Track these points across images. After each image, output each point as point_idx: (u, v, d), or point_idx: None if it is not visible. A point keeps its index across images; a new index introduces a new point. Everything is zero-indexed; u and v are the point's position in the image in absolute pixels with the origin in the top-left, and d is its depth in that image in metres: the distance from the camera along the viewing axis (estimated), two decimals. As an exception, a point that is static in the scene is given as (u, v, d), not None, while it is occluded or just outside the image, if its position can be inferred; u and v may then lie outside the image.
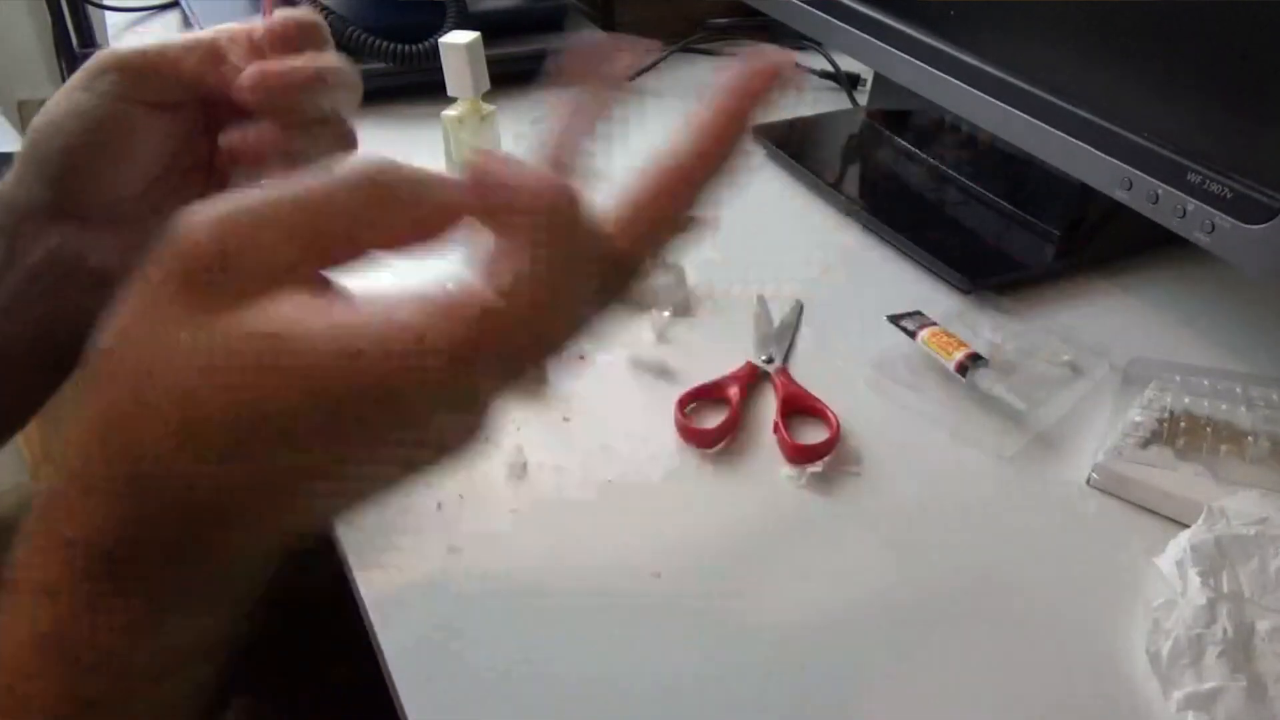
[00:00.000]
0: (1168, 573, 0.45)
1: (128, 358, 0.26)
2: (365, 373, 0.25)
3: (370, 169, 0.29)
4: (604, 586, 0.45)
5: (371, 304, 0.26)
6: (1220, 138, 0.50)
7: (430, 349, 0.25)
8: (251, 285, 0.26)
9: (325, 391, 0.25)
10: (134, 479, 0.26)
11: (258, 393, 0.25)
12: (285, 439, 0.25)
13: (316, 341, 0.25)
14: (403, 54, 0.83)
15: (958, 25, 0.65)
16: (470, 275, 0.27)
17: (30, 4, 1.83)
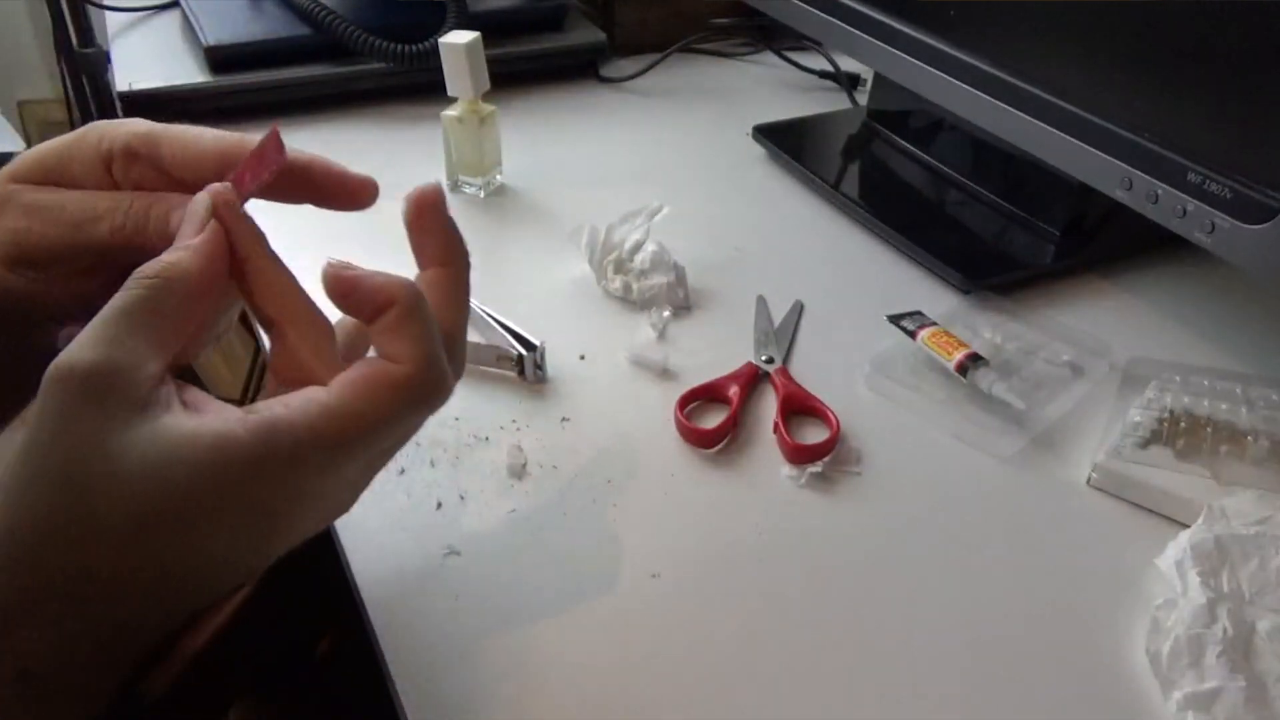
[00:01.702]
0: (1168, 573, 0.45)
1: (58, 472, 0.29)
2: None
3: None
4: (604, 586, 0.45)
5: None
6: (1220, 138, 0.50)
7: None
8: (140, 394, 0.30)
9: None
10: (68, 597, 0.29)
11: (202, 500, 0.30)
12: (235, 532, 0.31)
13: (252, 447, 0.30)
14: (403, 54, 0.83)
15: (958, 25, 0.65)
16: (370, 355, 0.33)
17: (30, 4, 1.83)
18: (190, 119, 0.90)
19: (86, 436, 0.29)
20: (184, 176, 0.38)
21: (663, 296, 0.62)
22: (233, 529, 0.31)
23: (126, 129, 0.38)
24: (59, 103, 1.75)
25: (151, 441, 0.29)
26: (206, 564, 0.32)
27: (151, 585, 0.31)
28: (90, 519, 0.29)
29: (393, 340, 0.32)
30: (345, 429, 0.31)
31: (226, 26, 0.88)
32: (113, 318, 0.31)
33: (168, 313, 0.32)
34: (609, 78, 0.97)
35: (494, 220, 0.73)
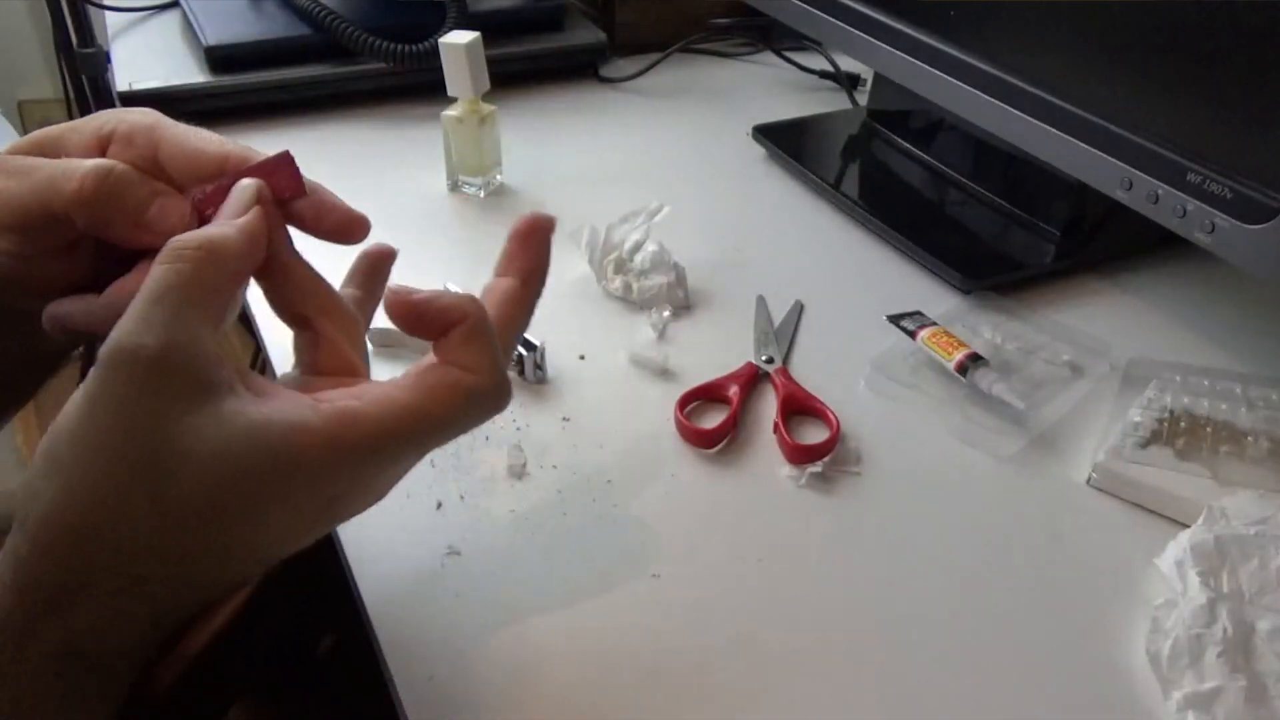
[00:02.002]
0: (1168, 573, 0.45)
1: (126, 455, 0.29)
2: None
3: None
4: (604, 586, 0.45)
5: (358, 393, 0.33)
6: (1220, 138, 0.50)
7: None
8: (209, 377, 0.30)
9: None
10: (130, 575, 0.30)
11: (268, 486, 0.30)
12: (289, 518, 0.32)
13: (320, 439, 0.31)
14: (403, 54, 0.83)
15: (958, 25, 0.65)
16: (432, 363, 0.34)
17: (30, 4, 1.83)
18: (190, 119, 0.90)
19: (155, 419, 0.29)
20: (177, 174, 0.37)
21: (663, 296, 0.62)
22: (296, 513, 0.32)
23: (131, 117, 0.38)
24: (59, 103, 1.75)
25: (221, 425, 0.30)
26: (263, 545, 0.32)
27: (211, 567, 0.32)
28: (160, 500, 0.29)
29: (465, 351, 0.34)
30: (416, 428, 0.33)
31: (226, 26, 0.88)
32: (163, 294, 0.30)
33: (217, 289, 0.32)
34: (609, 78, 0.97)
35: (494, 220, 0.73)
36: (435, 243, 0.70)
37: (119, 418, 0.29)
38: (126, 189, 0.36)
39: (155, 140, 0.37)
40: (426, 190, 0.76)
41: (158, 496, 0.29)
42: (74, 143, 0.38)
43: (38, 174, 0.36)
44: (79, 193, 0.35)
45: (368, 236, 0.38)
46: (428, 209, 0.74)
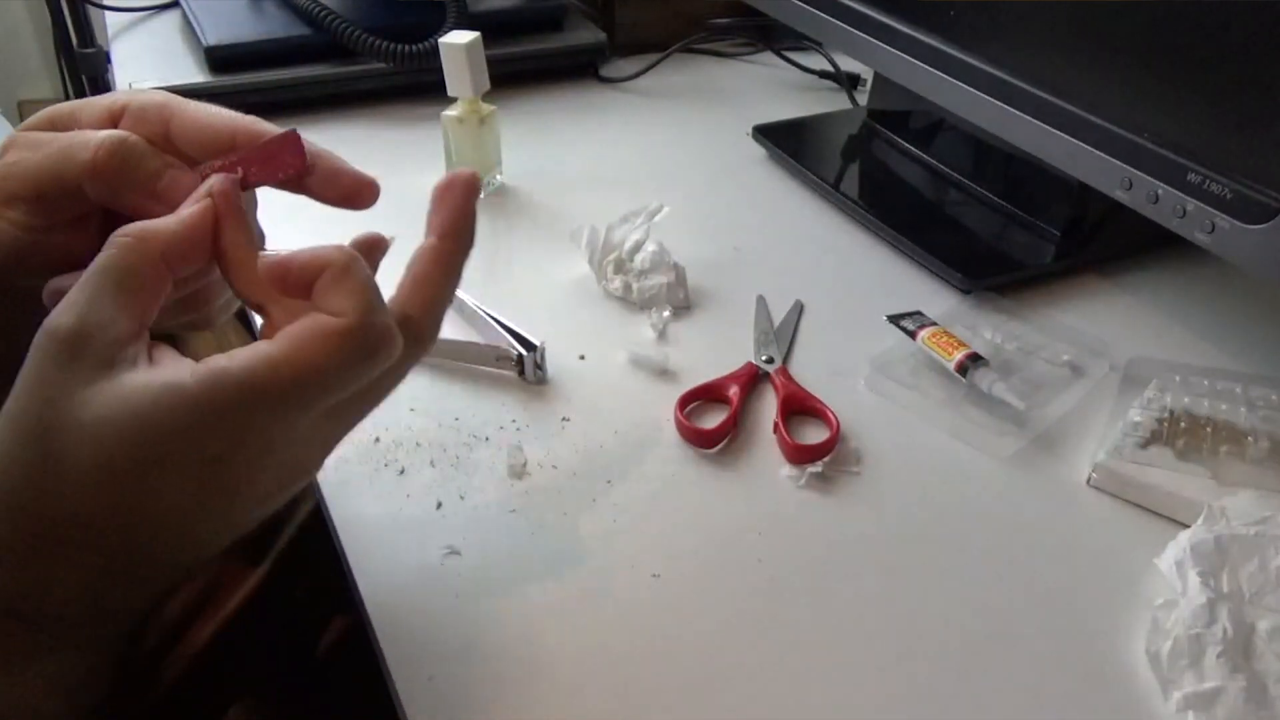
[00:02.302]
0: (1168, 573, 0.45)
1: (30, 424, 0.31)
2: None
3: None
4: (603, 587, 0.45)
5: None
6: (1220, 138, 0.50)
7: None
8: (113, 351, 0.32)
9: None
10: (41, 538, 0.31)
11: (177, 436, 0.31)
12: (202, 470, 0.32)
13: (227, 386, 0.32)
14: (403, 54, 0.83)
15: (958, 25, 0.65)
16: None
17: (30, 4, 1.83)
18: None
19: (56, 392, 0.31)
20: (188, 150, 0.38)
21: (663, 296, 0.62)
22: (185, 476, 0.32)
23: (144, 95, 0.39)
24: (59, 103, 1.75)
25: (110, 393, 0.31)
26: (171, 514, 0.33)
27: (124, 531, 0.32)
28: (56, 466, 0.31)
29: (329, 297, 0.33)
30: (285, 376, 0.32)
31: (226, 26, 0.88)
32: (90, 279, 0.32)
33: (141, 274, 0.33)
34: (609, 78, 0.97)
35: (494, 220, 0.73)
36: (435, 243, 0.70)
37: (28, 392, 0.31)
38: (139, 160, 0.36)
39: (167, 116, 0.38)
40: (426, 190, 0.76)
41: (54, 462, 0.31)
42: (86, 117, 0.38)
43: (52, 145, 0.36)
44: (93, 162, 0.35)
45: (377, 200, 0.38)
46: (428, 209, 0.74)
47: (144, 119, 0.38)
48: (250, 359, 0.32)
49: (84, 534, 0.32)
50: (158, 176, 0.37)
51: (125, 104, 0.38)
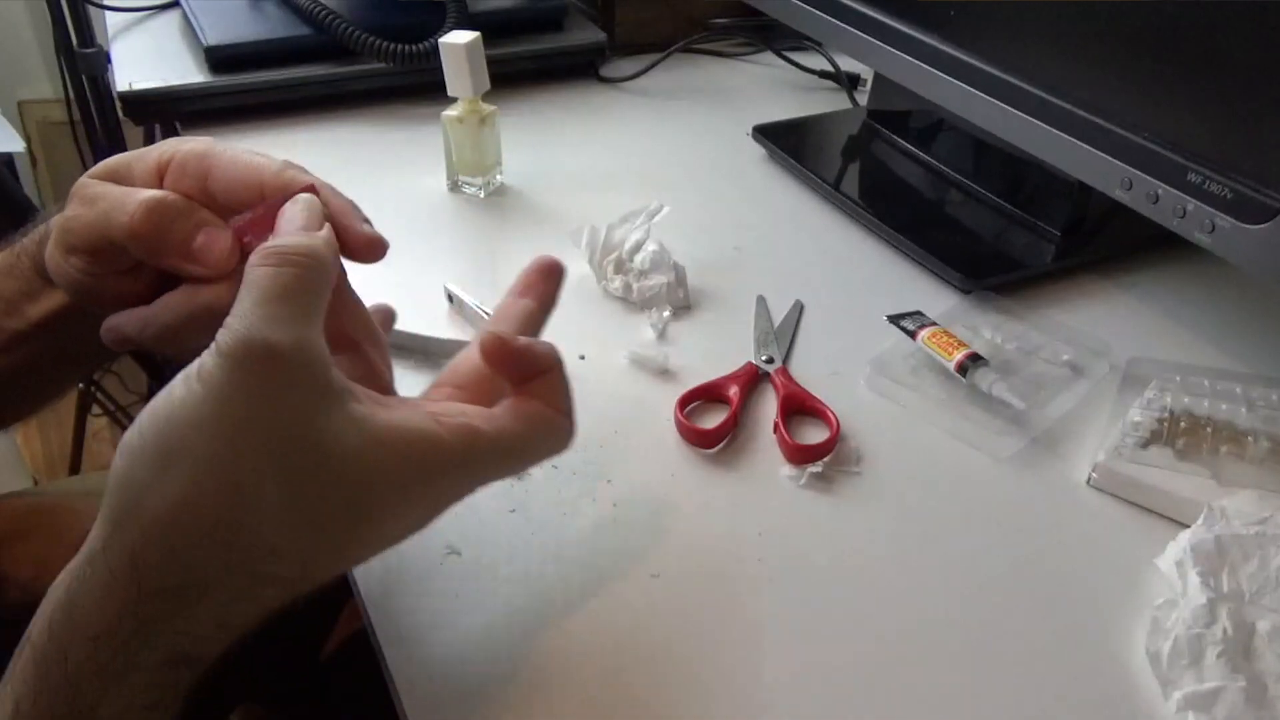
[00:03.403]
0: (1168, 573, 0.45)
1: (261, 453, 0.29)
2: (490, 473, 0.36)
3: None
4: (603, 587, 0.45)
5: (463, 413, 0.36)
6: (1220, 138, 0.50)
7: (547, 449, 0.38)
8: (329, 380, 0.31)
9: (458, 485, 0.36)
10: (257, 575, 0.30)
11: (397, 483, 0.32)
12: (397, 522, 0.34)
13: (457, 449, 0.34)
14: (403, 54, 0.83)
15: (958, 25, 0.65)
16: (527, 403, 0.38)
17: (30, 4, 1.83)
18: (190, 119, 0.90)
19: (296, 414, 0.30)
20: (224, 201, 0.39)
21: (663, 296, 0.62)
22: (410, 519, 0.34)
23: (186, 145, 0.40)
24: (59, 103, 1.75)
25: (360, 428, 0.31)
26: (367, 548, 0.34)
27: (321, 567, 0.32)
28: (297, 496, 0.30)
29: (556, 395, 0.38)
30: (515, 450, 0.36)
31: (226, 26, 0.88)
32: (282, 295, 0.31)
33: (321, 295, 0.33)
34: (609, 78, 0.97)
35: (494, 220, 0.73)
36: (435, 243, 0.70)
37: (256, 411, 0.29)
38: (174, 221, 0.37)
39: (206, 168, 0.39)
40: (426, 190, 0.76)
41: (294, 492, 0.30)
42: (138, 171, 0.40)
43: (101, 203, 0.38)
44: (130, 225, 0.37)
45: (384, 256, 0.39)
46: (428, 209, 0.74)
47: (185, 172, 0.40)
48: (499, 427, 0.36)
49: (293, 572, 0.31)
50: (191, 237, 0.38)
51: (171, 156, 0.40)
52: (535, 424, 0.37)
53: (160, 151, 0.40)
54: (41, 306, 0.44)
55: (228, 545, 0.29)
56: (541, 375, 0.38)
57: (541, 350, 0.38)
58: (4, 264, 0.44)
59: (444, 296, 0.62)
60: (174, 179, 0.40)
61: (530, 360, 0.37)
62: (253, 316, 0.30)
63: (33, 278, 0.43)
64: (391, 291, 0.49)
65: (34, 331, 0.44)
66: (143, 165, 0.40)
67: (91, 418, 1.61)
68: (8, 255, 0.45)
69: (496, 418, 0.36)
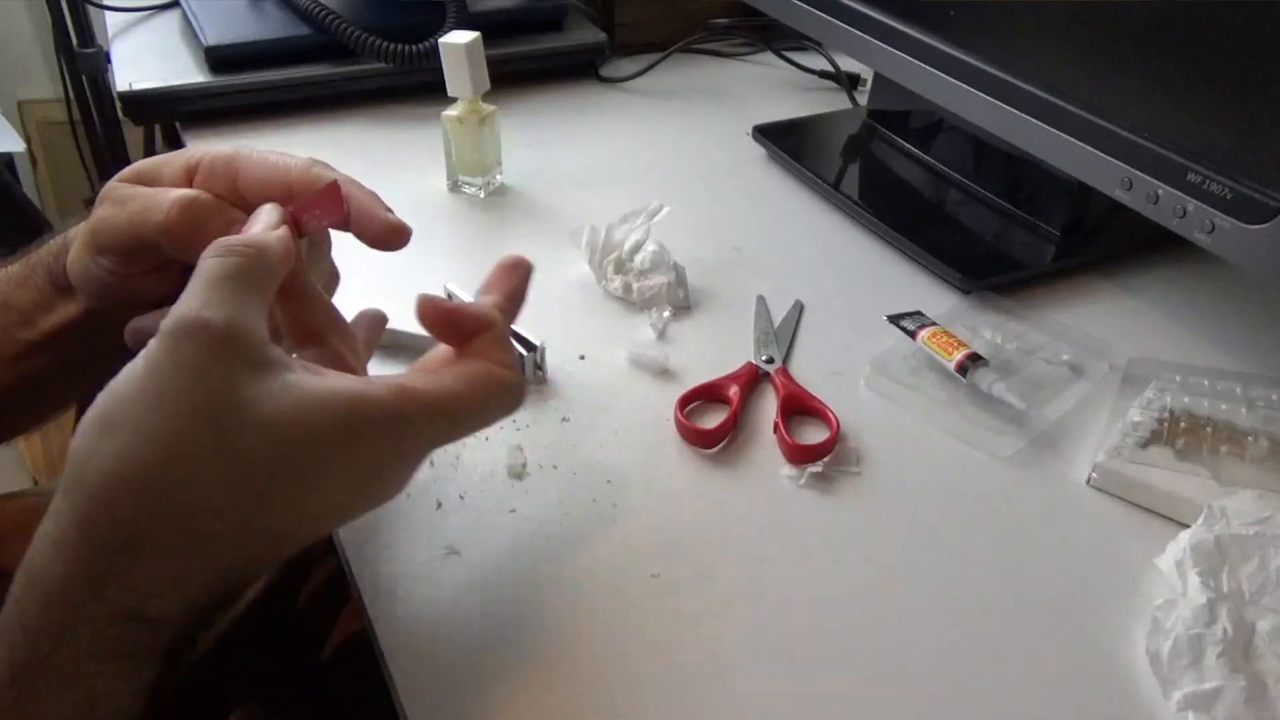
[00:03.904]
0: (1168, 573, 0.45)
1: (198, 415, 0.31)
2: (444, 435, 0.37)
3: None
4: (603, 587, 0.45)
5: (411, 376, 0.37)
6: (1220, 138, 0.50)
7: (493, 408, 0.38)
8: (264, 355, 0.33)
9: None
10: (194, 532, 0.31)
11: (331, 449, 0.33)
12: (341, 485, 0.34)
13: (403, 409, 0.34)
14: (403, 54, 0.83)
15: (958, 25, 0.65)
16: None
17: (30, 4, 1.83)
18: (190, 119, 0.90)
19: (224, 384, 0.31)
20: (254, 200, 0.41)
21: (663, 296, 0.62)
22: (350, 479, 0.34)
23: (215, 150, 0.42)
24: (59, 103, 1.75)
25: (289, 390, 0.32)
26: (314, 512, 0.34)
27: (266, 530, 0.33)
28: (229, 456, 0.31)
29: (497, 351, 0.38)
30: (459, 409, 0.36)
31: (226, 26, 0.88)
32: (221, 280, 0.34)
33: (262, 283, 0.35)
34: (609, 78, 0.97)
35: (494, 220, 0.73)
36: (435, 243, 0.70)
37: (189, 380, 0.31)
38: (207, 219, 0.39)
39: (235, 170, 0.41)
40: (426, 190, 0.76)
41: (227, 452, 0.31)
42: (167, 174, 0.42)
43: (133, 203, 0.40)
44: (165, 223, 0.39)
45: (408, 242, 0.41)
46: (428, 209, 0.74)
47: (213, 174, 0.41)
48: (436, 384, 0.36)
49: (235, 530, 0.32)
50: (223, 234, 0.39)
51: (199, 159, 0.42)
52: (475, 380, 0.37)
53: (188, 155, 0.42)
54: (55, 317, 0.45)
55: (163, 502, 0.31)
56: (480, 335, 0.38)
57: (475, 309, 0.39)
58: (18, 275, 0.45)
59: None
60: (203, 181, 0.41)
61: (464, 318, 0.38)
62: (192, 299, 0.33)
63: (47, 289, 0.45)
64: (391, 291, 0.49)
65: (46, 342, 0.45)
66: (171, 168, 0.42)
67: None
68: (22, 267, 0.46)
69: (435, 377, 0.36)
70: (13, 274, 0.46)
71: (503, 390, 0.38)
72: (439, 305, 0.38)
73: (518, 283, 0.42)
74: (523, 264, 0.43)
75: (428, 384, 0.36)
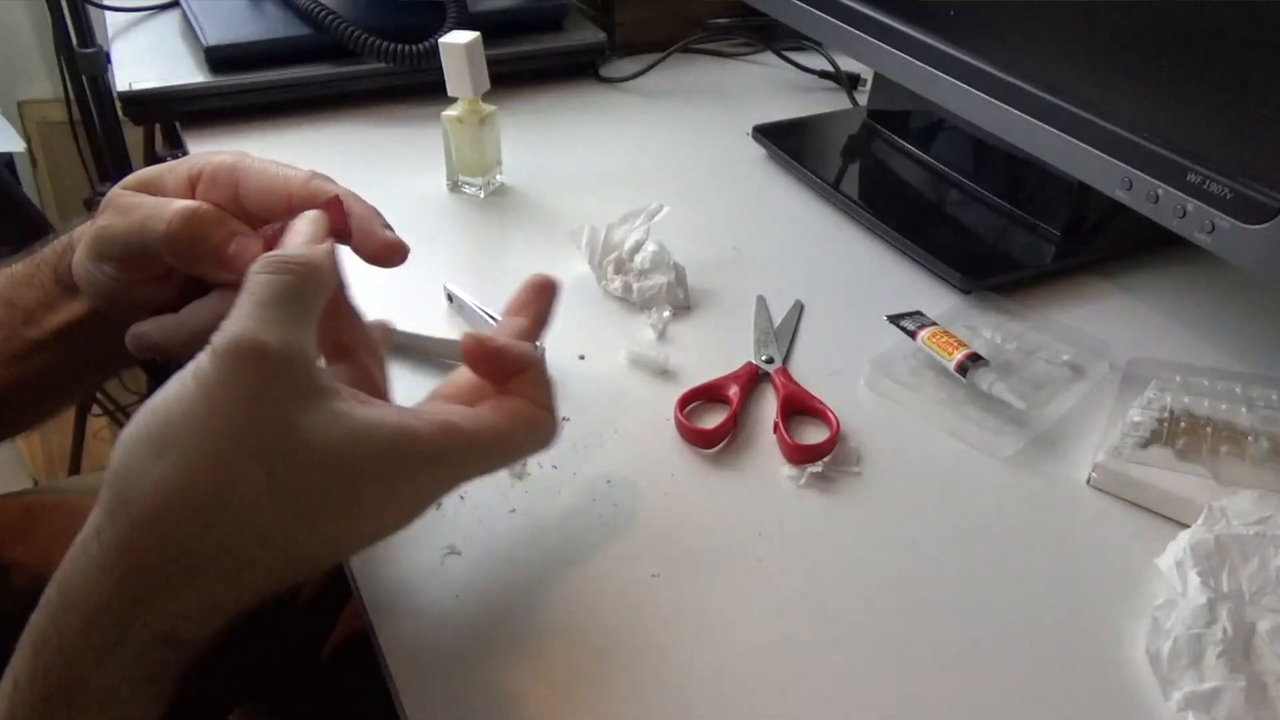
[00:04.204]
0: (1168, 573, 0.45)
1: (249, 440, 0.31)
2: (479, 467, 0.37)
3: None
4: (604, 586, 0.45)
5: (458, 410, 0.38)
6: (1220, 138, 0.50)
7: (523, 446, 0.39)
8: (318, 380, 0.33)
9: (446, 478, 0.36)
10: (241, 559, 0.31)
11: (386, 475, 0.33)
12: (388, 511, 0.35)
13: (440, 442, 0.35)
14: (403, 54, 0.83)
15: (958, 25, 0.65)
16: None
17: (30, 4, 1.83)
18: (190, 119, 0.90)
19: (279, 408, 0.32)
20: (254, 211, 0.41)
21: (663, 296, 0.62)
22: (390, 509, 0.34)
23: (217, 158, 0.42)
24: (59, 103, 1.75)
25: (339, 421, 0.32)
26: (351, 540, 0.35)
27: (307, 556, 0.33)
28: (279, 485, 0.31)
29: (537, 390, 0.39)
30: (497, 445, 0.37)
31: (226, 26, 0.88)
32: (276, 300, 0.33)
33: (316, 302, 0.35)
34: (609, 78, 0.97)
35: (494, 220, 0.73)
36: (435, 243, 0.70)
37: (244, 405, 0.31)
38: (208, 230, 0.39)
39: (236, 179, 0.41)
40: (426, 190, 0.76)
41: (278, 481, 0.31)
42: (170, 183, 0.42)
43: (135, 213, 0.40)
44: (167, 233, 0.39)
45: (406, 259, 0.41)
46: (428, 209, 0.74)
47: (216, 183, 0.41)
48: (479, 421, 0.36)
49: (278, 558, 0.32)
50: (225, 245, 0.40)
51: (202, 168, 0.42)
52: (516, 419, 0.38)
53: (191, 164, 0.42)
54: (59, 316, 0.45)
55: (214, 529, 0.31)
56: (521, 373, 0.39)
57: (519, 349, 0.39)
58: (23, 274, 0.46)
59: (444, 296, 0.62)
60: (205, 190, 0.41)
61: (509, 358, 0.39)
62: (246, 319, 0.32)
63: (51, 288, 0.45)
64: (392, 291, 0.49)
65: (51, 340, 0.45)
66: (174, 177, 0.42)
67: (91, 418, 1.61)
68: (27, 265, 0.46)
69: (477, 414, 0.37)
70: (17, 272, 0.46)
71: (540, 429, 0.39)
72: (485, 345, 0.38)
73: (545, 305, 0.43)
74: (549, 286, 0.43)
75: (473, 423, 0.36)
